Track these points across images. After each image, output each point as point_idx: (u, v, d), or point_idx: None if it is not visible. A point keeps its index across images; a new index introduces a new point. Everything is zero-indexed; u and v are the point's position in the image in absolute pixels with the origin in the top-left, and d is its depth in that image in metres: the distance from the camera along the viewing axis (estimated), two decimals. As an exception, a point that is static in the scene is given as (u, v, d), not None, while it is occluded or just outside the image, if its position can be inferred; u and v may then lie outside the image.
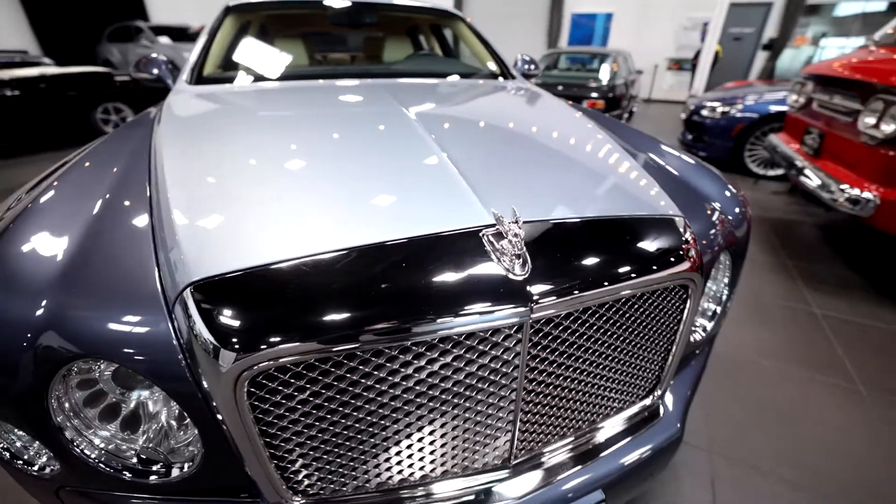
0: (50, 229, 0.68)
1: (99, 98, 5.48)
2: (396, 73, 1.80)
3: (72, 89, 5.22)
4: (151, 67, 1.87)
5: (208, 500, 0.63)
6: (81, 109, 5.33)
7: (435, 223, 0.61)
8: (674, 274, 0.65)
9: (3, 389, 0.55)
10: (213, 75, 1.69)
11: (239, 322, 0.51)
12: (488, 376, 0.58)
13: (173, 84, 1.81)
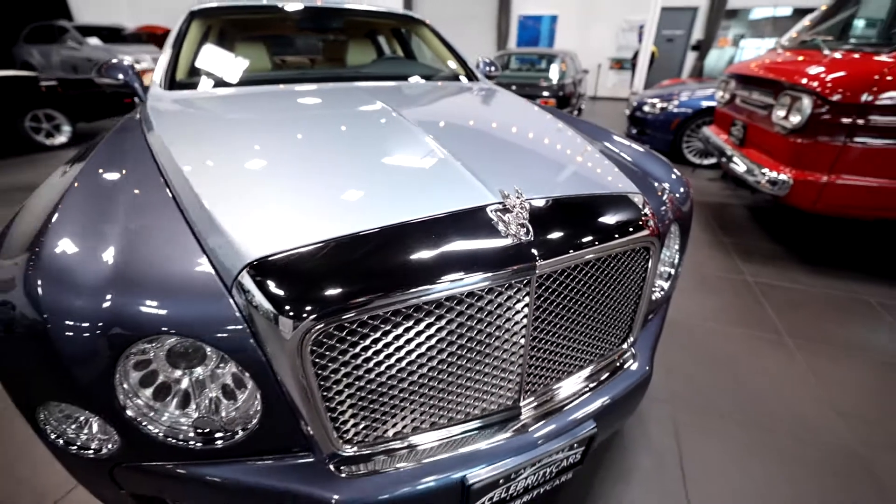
0: (93, 229, 0.73)
1: (27, 105, 5.08)
2: (373, 77, 1.89)
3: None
4: (116, 72, 1.83)
5: (260, 459, 0.71)
6: (7, 118, 4.91)
7: (449, 203, 0.73)
8: (639, 238, 0.81)
9: (76, 374, 0.60)
10: (188, 80, 1.70)
11: (296, 292, 0.60)
12: (504, 325, 0.71)
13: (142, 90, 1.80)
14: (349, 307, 0.60)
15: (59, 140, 5.41)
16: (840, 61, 2.14)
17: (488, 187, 0.76)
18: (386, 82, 1.82)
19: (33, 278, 0.63)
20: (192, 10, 1.97)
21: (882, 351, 1.80)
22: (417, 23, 2.34)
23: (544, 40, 11.05)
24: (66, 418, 0.68)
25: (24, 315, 0.61)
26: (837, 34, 2.73)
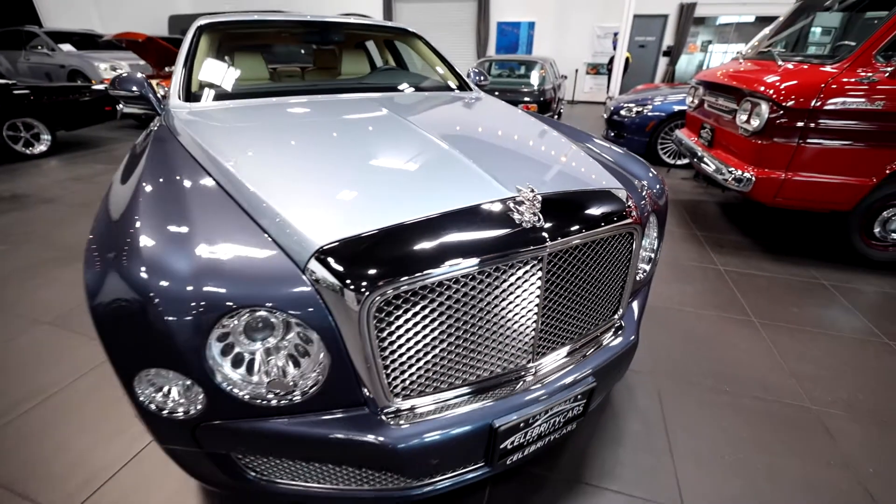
0: (175, 225, 0.85)
1: (4, 114, 4.99)
2: (378, 88, 2.04)
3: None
4: (130, 85, 1.92)
5: (322, 414, 0.84)
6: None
7: (473, 197, 0.88)
8: (624, 225, 0.98)
9: (179, 344, 0.73)
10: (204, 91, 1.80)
11: (357, 270, 0.75)
12: (521, 294, 0.87)
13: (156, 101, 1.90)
14: (400, 281, 0.75)
15: (39, 149, 5.33)
16: (792, 71, 2.40)
17: (503, 184, 0.92)
18: (390, 93, 1.97)
19: (140, 268, 0.76)
20: (200, 25, 2.07)
21: (833, 326, 2.04)
22: (413, 36, 2.49)
23: (522, 46, 11.36)
24: (158, 386, 0.80)
25: (138, 299, 0.73)
26: (791, 46, 3.02)
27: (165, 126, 1.53)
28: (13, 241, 2.91)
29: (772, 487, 1.26)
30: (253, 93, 1.83)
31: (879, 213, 2.47)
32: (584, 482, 1.27)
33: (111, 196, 1.03)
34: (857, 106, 2.15)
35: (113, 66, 8.37)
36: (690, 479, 1.29)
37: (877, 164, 2.26)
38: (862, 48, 2.16)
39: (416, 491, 0.95)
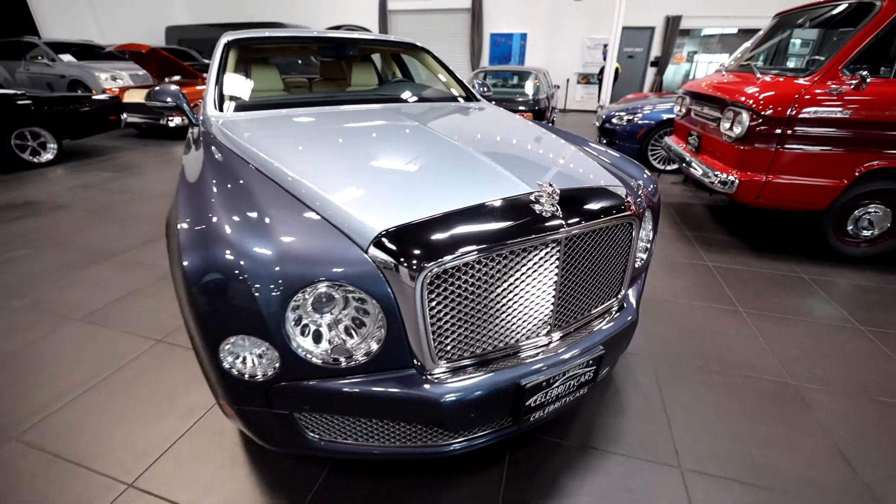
0: (253, 216, 1.01)
1: (13, 123, 5.08)
2: (395, 99, 2.22)
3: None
4: (164, 96, 2.07)
5: (377, 374, 0.99)
6: (-8, 136, 4.91)
7: (501, 191, 1.05)
8: (624, 216, 1.16)
9: (260, 313, 0.88)
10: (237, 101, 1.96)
11: (410, 251, 0.91)
12: (543, 272, 1.03)
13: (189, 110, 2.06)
14: (445, 260, 0.91)
15: (46, 157, 5.42)
16: (770, 83, 2.62)
17: (525, 181, 1.10)
18: (407, 103, 2.15)
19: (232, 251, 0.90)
20: (227, 41, 2.23)
21: (811, 314, 2.24)
22: (423, 50, 2.68)
23: (515, 57, 11.66)
24: (237, 353, 0.94)
25: (231, 277, 0.88)
26: (769, 60, 3.26)
27: (211, 134, 1.68)
28: (35, 246, 3.02)
29: (758, 449, 1.43)
30: (284, 103, 1.99)
31: (851, 212, 2.69)
32: (592, 447, 1.43)
33: (189, 193, 1.17)
34: (828, 115, 2.38)
35: (113, 75, 8.49)
36: (686, 443, 1.45)
37: (847, 167, 2.48)
38: (830, 63, 2.39)
39: (453, 446, 1.10)
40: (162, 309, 2.23)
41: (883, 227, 2.68)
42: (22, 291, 2.40)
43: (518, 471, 1.35)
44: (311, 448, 1.09)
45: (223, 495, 1.27)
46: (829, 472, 1.36)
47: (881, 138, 2.39)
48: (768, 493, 1.28)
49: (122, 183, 4.67)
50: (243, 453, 1.41)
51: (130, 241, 3.10)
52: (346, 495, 1.27)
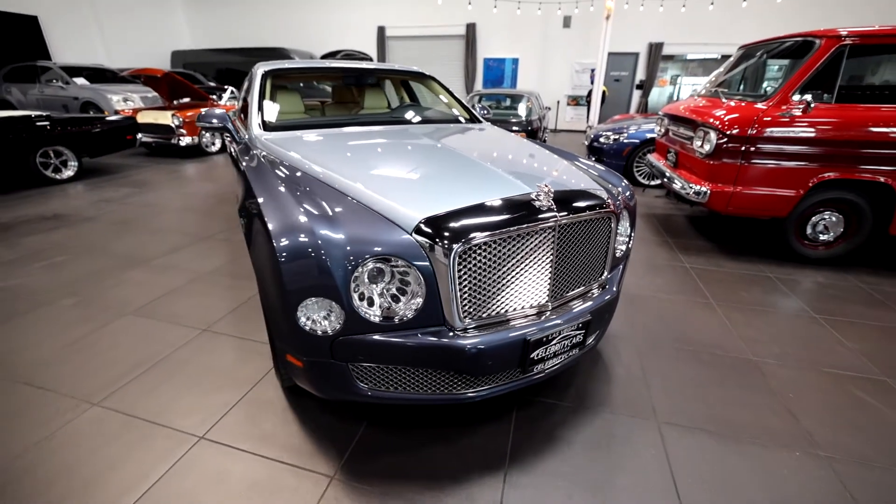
0: (320, 210, 1.31)
1: (39, 142, 5.39)
2: (410, 121, 2.56)
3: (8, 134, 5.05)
4: (212, 118, 2.40)
5: (416, 329, 1.28)
6: (21, 155, 5.20)
7: (509, 191, 1.37)
8: (604, 212, 1.48)
9: (336, 280, 1.18)
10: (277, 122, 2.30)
11: (444, 233, 1.22)
12: (542, 251, 1.34)
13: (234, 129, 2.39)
14: (469, 239, 1.22)
15: (67, 174, 5.70)
16: (734, 107, 3.01)
17: (527, 184, 1.42)
18: (422, 125, 2.50)
19: (312, 233, 1.21)
20: (265, 71, 2.58)
21: (774, 305, 2.56)
22: (431, 79, 3.05)
23: (507, 80, 12.26)
24: (308, 315, 1.23)
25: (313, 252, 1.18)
26: (736, 86, 3.68)
27: (261, 149, 2.00)
28: (73, 252, 3.29)
29: (721, 406, 1.73)
30: (319, 124, 2.33)
31: (809, 218, 3.05)
32: (584, 407, 1.72)
33: (266, 193, 1.46)
34: (782, 134, 2.76)
35: (125, 97, 8.86)
36: (662, 403, 1.75)
37: (802, 179, 2.85)
38: (782, 90, 2.78)
39: (472, 394, 1.39)
40: (200, 305, 2.51)
41: (837, 231, 3.04)
42: (71, 292, 2.66)
43: (523, 424, 1.63)
44: (360, 395, 1.37)
45: (278, 445, 1.53)
46: (777, 422, 1.65)
47: (829, 154, 2.77)
48: (727, 437, 1.58)
49: (142, 198, 4.95)
50: (292, 415, 1.68)
51: (160, 249, 3.37)
52: (381, 445, 1.54)
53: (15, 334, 2.20)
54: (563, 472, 1.43)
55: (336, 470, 1.43)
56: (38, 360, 1.99)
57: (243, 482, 1.39)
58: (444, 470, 1.44)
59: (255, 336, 2.19)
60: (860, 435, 1.60)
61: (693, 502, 1.33)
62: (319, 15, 13.37)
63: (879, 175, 2.77)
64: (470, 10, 11.46)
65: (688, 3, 10.16)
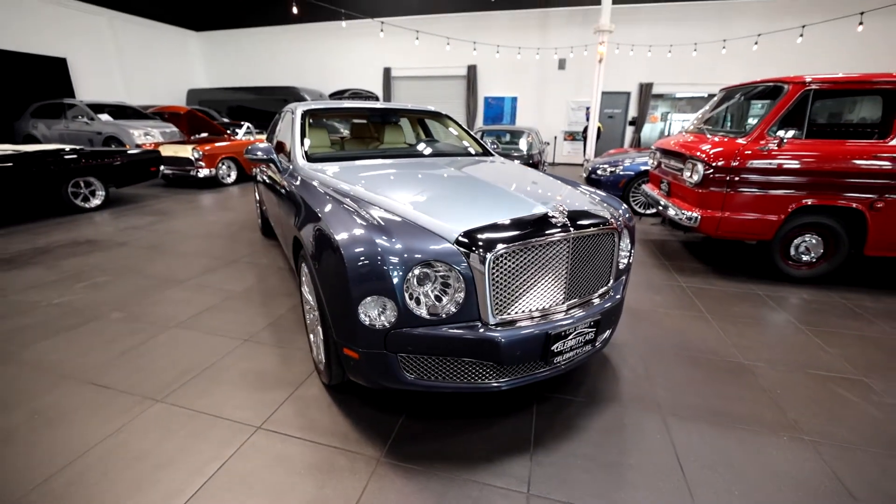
0: (376, 224, 1.58)
1: (70, 173, 5.73)
2: (433, 154, 2.89)
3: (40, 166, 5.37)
4: (257, 151, 2.72)
5: (455, 324, 1.52)
6: (55, 185, 5.52)
7: (531, 210, 1.65)
8: (608, 229, 1.76)
9: (392, 281, 1.43)
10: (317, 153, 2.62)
11: (479, 243, 1.49)
12: (559, 259, 1.61)
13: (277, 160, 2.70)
14: (499, 248, 1.49)
15: (94, 203, 6.02)
16: (718, 142, 3.37)
17: (545, 205, 1.71)
18: (445, 157, 2.83)
19: (371, 242, 1.48)
20: (304, 110, 2.93)
21: (763, 318, 2.80)
22: (447, 118, 3.42)
23: (507, 117, 12.93)
24: (366, 311, 1.48)
25: (373, 257, 1.45)
26: (720, 123, 4.08)
27: (308, 176, 2.30)
28: (112, 273, 3.53)
29: (716, 400, 1.94)
30: (355, 156, 2.65)
31: (792, 240, 3.34)
32: (596, 402, 1.93)
33: (327, 212, 1.74)
34: (761, 165, 3.10)
35: (146, 132, 9.35)
36: (665, 399, 1.96)
37: (782, 205, 3.17)
38: (758, 127, 3.15)
39: (502, 384, 1.61)
40: (238, 319, 2.73)
41: (818, 252, 3.33)
42: (117, 307, 2.89)
43: (543, 415, 1.84)
44: (405, 384, 1.59)
45: (327, 433, 1.74)
46: (767, 413, 1.87)
47: (804, 182, 3.09)
48: (723, 426, 1.79)
49: (166, 225, 5.24)
50: (336, 409, 1.88)
51: (192, 271, 3.62)
52: (420, 432, 1.75)
53: (73, 343, 2.41)
54: (581, 454, 1.63)
55: (382, 453, 1.63)
56: (98, 365, 2.20)
57: (301, 463, 1.59)
58: (478, 452, 1.64)
59: (293, 345, 2.41)
60: (840, 423, 1.81)
61: (695, 478, 1.53)
62: (328, 57, 14.22)
63: (851, 201, 3.09)
64: (472, 53, 12.24)
65: (673, 49, 10.94)
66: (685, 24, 10.82)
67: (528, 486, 1.48)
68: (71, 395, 1.95)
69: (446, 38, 12.01)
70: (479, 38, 12.03)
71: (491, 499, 1.43)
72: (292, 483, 1.49)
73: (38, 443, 1.66)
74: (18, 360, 2.22)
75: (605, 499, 1.44)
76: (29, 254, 4.05)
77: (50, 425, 1.76)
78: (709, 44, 10.67)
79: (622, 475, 1.53)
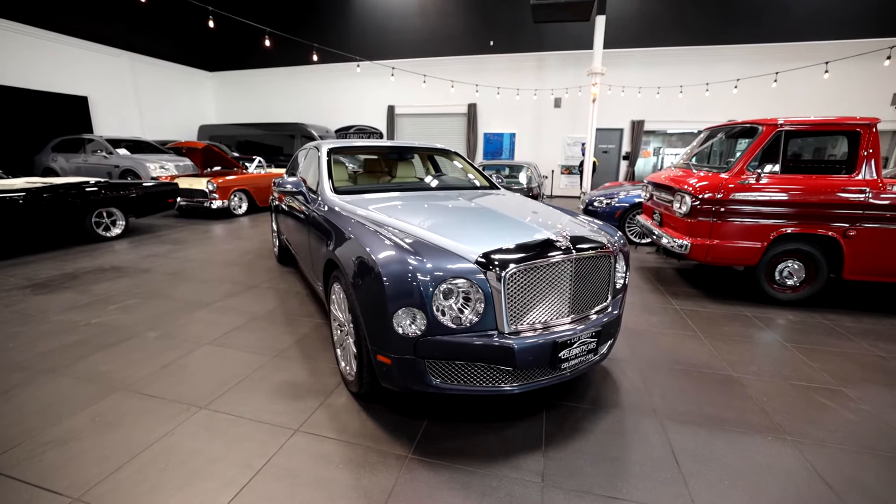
0: (407, 247, 1.84)
1: (95, 204, 6.04)
2: (444, 187, 3.21)
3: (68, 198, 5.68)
4: (287, 184, 3.02)
5: (475, 333, 1.75)
6: (78, 215, 5.82)
7: (537, 235, 1.93)
8: (605, 251, 2.03)
9: (422, 294, 1.68)
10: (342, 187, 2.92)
11: (495, 262, 1.75)
12: (564, 277, 1.86)
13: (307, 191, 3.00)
14: (512, 268, 1.75)
15: (115, 232, 6.30)
16: (703, 176, 3.71)
17: (550, 231, 1.98)
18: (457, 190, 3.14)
19: (405, 260, 1.74)
20: (329, 148, 3.26)
21: (751, 337, 3.03)
22: (457, 154, 3.77)
23: (506, 152, 13.52)
24: (398, 322, 1.72)
25: (407, 273, 1.70)
26: (705, 159, 4.45)
27: (335, 206, 2.59)
28: (141, 297, 3.76)
29: (708, 407, 2.15)
30: (379, 189, 2.95)
31: (776, 266, 3.62)
32: (600, 408, 2.14)
33: (362, 236, 2.01)
34: (743, 197, 3.42)
35: (161, 165, 9.78)
36: (662, 406, 2.17)
37: (764, 233, 3.47)
38: (739, 163, 3.49)
39: (515, 388, 1.83)
40: (266, 337, 2.95)
41: (800, 277, 3.60)
42: (151, 327, 3.11)
43: (552, 419, 2.04)
44: (431, 387, 1.81)
45: (359, 435, 1.93)
46: (754, 418, 2.07)
47: (782, 212, 3.40)
48: (714, 428, 1.99)
49: (185, 253, 5.50)
50: (365, 414, 2.08)
51: (216, 295, 3.85)
52: (442, 434, 1.94)
53: (118, 358, 2.62)
54: (588, 450, 1.83)
55: (410, 451, 1.83)
56: (143, 377, 2.40)
57: (338, 458, 1.78)
58: (496, 449, 1.83)
59: (320, 359, 2.62)
60: (819, 426, 2.02)
61: (689, 470, 1.72)
62: (333, 95, 14.97)
63: (827, 230, 3.39)
64: (473, 93, 12.96)
65: (661, 90, 11.65)
66: (671, 67, 11.59)
67: (542, 478, 1.67)
68: (124, 403, 2.15)
69: (450, 81, 12.74)
70: (479, 79, 12.77)
71: (510, 488, 1.62)
72: (332, 475, 1.68)
73: (104, 441, 1.85)
74: (72, 373, 2.42)
75: (612, 487, 1.63)
76: (59, 279, 4.28)
77: (110, 427, 1.95)
78: (694, 86, 11.38)
79: (626, 468, 1.73)
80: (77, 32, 11.74)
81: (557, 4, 8.10)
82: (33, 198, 5.29)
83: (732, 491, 1.61)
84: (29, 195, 5.26)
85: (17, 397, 2.18)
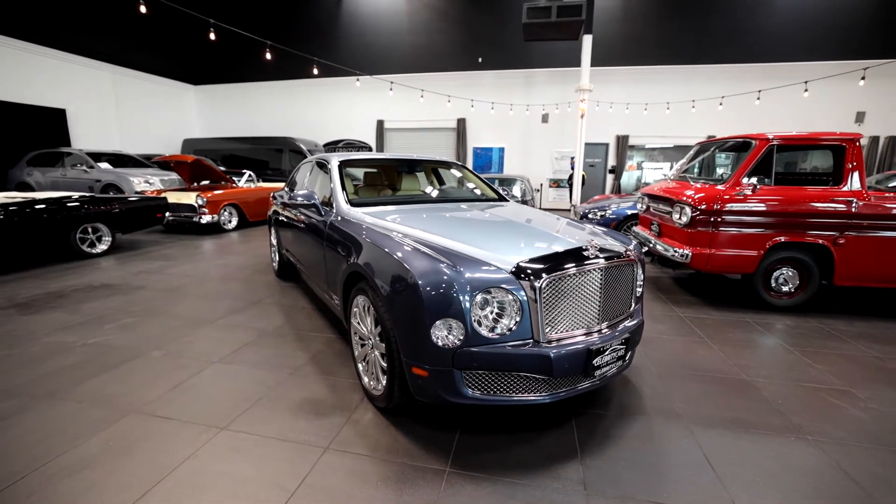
0: (443, 258, 1.85)
1: (80, 219, 5.83)
2: (455, 199, 3.24)
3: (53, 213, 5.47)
4: (300, 197, 3.00)
5: (512, 343, 1.76)
6: (63, 231, 5.60)
7: (570, 244, 1.97)
8: (629, 259, 2.08)
9: (460, 304, 1.68)
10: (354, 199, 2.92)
11: (529, 272, 1.78)
12: (594, 285, 1.90)
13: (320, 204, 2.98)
14: (546, 277, 1.77)
15: (100, 248, 6.08)
16: (701, 188, 3.85)
17: (578, 241, 2.03)
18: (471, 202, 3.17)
19: (438, 272, 1.74)
20: (340, 161, 3.27)
21: (756, 342, 3.13)
22: (464, 167, 3.82)
23: (495, 166, 13.72)
24: (436, 334, 1.72)
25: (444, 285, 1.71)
26: (699, 172, 4.63)
27: (352, 218, 2.58)
28: (138, 315, 3.63)
29: (728, 410, 2.20)
30: (390, 201, 2.96)
31: (772, 273, 3.76)
32: (626, 415, 2.16)
33: (394, 249, 2.00)
34: (739, 208, 3.56)
35: (146, 179, 9.54)
36: (684, 409, 2.21)
37: (760, 242, 3.61)
38: (734, 175, 3.65)
39: (549, 396, 1.84)
40: (279, 354, 2.88)
41: (795, 283, 3.75)
42: (155, 346, 3.00)
43: (582, 427, 2.06)
44: (468, 399, 1.80)
45: (392, 451, 1.90)
46: (772, 419, 2.13)
47: (776, 222, 3.56)
48: (739, 430, 2.04)
49: (178, 269, 5.34)
50: (395, 429, 2.05)
51: (218, 312, 3.75)
52: (477, 446, 1.93)
53: (123, 380, 2.51)
54: (623, 457, 1.85)
55: (447, 464, 1.81)
56: (154, 398, 2.31)
57: (376, 476, 1.74)
58: (532, 459, 1.83)
59: (339, 375, 2.57)
60: (836, 425, 2.09)
61: (724, 473, 1.76)
62: (321, 109, 14.97)
63: (818, 238, 3.55)
64: (462, 108, 13.17)
65: (649, 106, 12.10)
66: (658, 84, 12.07)
67: (584, 486, 1.68)
68: (137, 426, 2.06)
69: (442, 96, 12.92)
70: (467, 94, 13.01)
71: (554, 497, 1.62)
72: (372, 493, 1.65)
73: (122, 467, 1.77)
74: (73, 397, 2.30)
75: (654, 493, 1.64)
76: (44, 298, 4.09)
77: (127, 452, 1.86)
78: (680, 103, 11.86)
79: (664, 473, 1.75)
80: (56, 44, 11.46)
81: (548, 24, 8.37)
82: (14, 214, 5.08)
83: (770, 491, 1.65)
84: (8, 211, 5.05)
85: (15, 427, 2.03)
